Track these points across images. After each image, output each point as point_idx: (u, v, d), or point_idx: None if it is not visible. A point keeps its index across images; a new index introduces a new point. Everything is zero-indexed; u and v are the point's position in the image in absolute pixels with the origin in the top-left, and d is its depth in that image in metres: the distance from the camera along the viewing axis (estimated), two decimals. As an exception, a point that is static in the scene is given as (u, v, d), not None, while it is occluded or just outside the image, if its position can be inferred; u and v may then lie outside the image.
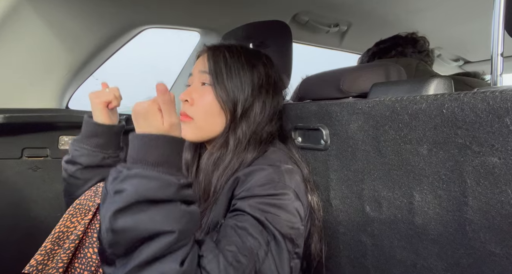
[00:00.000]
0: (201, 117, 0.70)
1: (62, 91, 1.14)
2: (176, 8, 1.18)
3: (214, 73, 0.69)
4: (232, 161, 0.67)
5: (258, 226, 0.56)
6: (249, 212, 0.57)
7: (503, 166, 0.45)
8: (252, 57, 0.73)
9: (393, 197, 0.59)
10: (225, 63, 0.70)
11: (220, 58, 0.70)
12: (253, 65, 0.72)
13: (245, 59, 0.71)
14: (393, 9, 1.37)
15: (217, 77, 0.69)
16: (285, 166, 0.65)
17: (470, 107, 0.47)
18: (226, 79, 0.69)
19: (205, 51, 0.74)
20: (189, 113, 0.70)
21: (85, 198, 0.69)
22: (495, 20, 0.49)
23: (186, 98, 0.70)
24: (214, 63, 0.70)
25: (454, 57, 1.99)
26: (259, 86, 0.71)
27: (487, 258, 0.48)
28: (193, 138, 0.72)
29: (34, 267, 0.62)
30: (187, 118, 0.70)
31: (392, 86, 0.67)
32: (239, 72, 0.70)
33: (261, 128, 0.71)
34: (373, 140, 0.61)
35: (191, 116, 0.70)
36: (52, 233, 0.66)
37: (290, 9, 1.35)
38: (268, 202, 0.58)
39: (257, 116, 0.70)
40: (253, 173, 0.62)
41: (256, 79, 0.71)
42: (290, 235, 0.59)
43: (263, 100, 0.71)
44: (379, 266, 0.64)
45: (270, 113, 0.73)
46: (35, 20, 0.97)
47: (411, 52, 1.15)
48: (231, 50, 0.72)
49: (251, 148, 0.69)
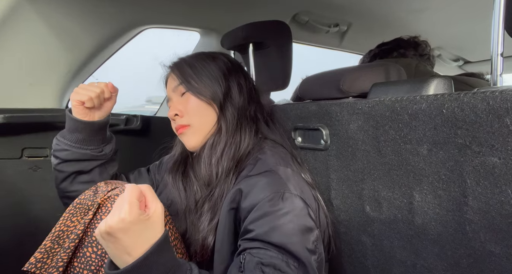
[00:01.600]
0: (196, 120, 0.74)
1: (62, 91, 1.14)
2: (176, 8, 1.18)
3: (185, 80, 0.74)
4: (228, 142, 0.71)
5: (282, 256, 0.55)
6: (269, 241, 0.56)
7: (503, 166, 0.45)
8: (210, 53, 0.81)
9: (393, 197, 0.59)
10: (189, 66, 0.76)
11: (183, 66, 0.76)
12: (214, 57, 0.78)
13: (204, 55, 0.79)
14: (393, 9, 1.37)
15: (188, 81, 0.74)
16: (283, 169, 0.66)
17: (470, 107, 0.47)
18: (196, 78, 0.74)
19: (169, 71, 0.80)
20: (183, 122, 0.74)
21: (84, 198, 0.69)
22: (495, 20, 0.49)
23: (175, 112, 0.75)
24: (181, 73, 0.75)
25: (454, 57, 1.98)
26: (228, 70, 0.77)
27: (487, 258, 0.48)
28: (196, 141, 0.75)
29: (33, 264, 0.62)
30: (185, 127, 0.75)
31: (392, 86, 0.67)
32: (204, 66, 0.76)
33: (245, 105, 0.76)
34: (373, 140, 0.61)
35: (187, 124, 0.74)
36: (52, 232, 0.66)
37: (290, 9, 1.35)
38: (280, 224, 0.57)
39: (238, 96, 0.75)
40: (255, 184, 0.63)
41: (222, 65, 0.77)
42: (312, 249, 0.59)
43: (237, 81, 0.77)
44: (379, 266, 0.64)
45: (248, 92, 0.78)
46: (35, 20, 0.97)
47: (412, 55, 1.15)
48: (189, 56, 0.79)
49: (244, 126, 0.73)
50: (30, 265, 0.62)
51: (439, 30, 1.58)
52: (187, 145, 0.77)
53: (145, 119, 1.27)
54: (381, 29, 1.33)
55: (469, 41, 1.74)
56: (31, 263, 0.62)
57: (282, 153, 0.72)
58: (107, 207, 0.65)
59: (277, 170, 0.65)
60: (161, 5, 1.14)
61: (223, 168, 0.69)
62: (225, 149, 0.70)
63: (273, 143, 0.75)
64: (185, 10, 1.21)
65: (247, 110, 0.76)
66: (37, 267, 0.62)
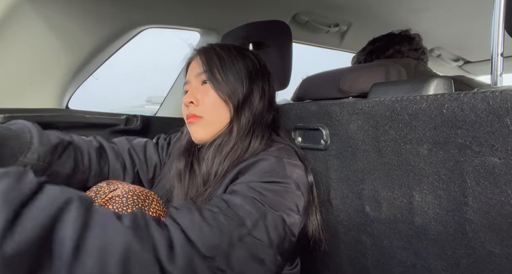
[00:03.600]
0: (209, 114, 0.71)
1: (62, 91, 1.14)
2: (176, 8, 1.18)
3: (209, 70, 0.71)
4: (236, 146, 0.68)
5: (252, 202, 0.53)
6: (244, 191, 0.55)
7: (503, 166, 0.45)
8: (241, 49, 0.77)
9: (393, 197, 0.59)
10: (218, 58, 0.72)
11: (213, 54, 0.73)
12: (244, 55, 0.75)
13: (235, 50, 0.75)
14: (393, 9, 1.37)
15: (212, 73, 0.71)
16: (288, 159, 0.65)
17: (470, 107, 0.47)
18: (222, 72, 0.71)
19: (196, 54, 0.76)
20: (197, 113, 0.72)
21: None
22: (495, 20, 0.49)
23: (191, 100, 0.72)
24: (208, 61, 0.72)
25: (454, 57, 1.99)
26: (255, 72, 0.74)
27: (487, 258, 0.48)
28: (204, 135, 0.73)
29: None
30: (196, 118, 0.72)
31: (392, 86, 0.67)
32: (233, 62, 0.72)
33: (264, 112, 0.73)
34: (373, 140, 0.61)
35: (199, 115, 0.72)
36: None
37: (290, 9, 1.35)
38: (265, 187, 0.56)
39: (258, 101, 0.72)
40: (255, 163, 0.62)
41: (250, 66, 0.74)
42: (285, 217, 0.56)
43: (261, 85, 0.74)
44: (379, 266, 0.64)
45: (268, 99, 0.75)
46: (35, 20, 0.97)
47: (407, 50, 1.16)
48: (220, 46, 0.75)
49: (256, 133, 0.70)
50: None
51: (439, 30, 1.58)
52: (193, 135, 0.75)
53: (145, 119, 1.27)
54: (381, 29, 1.33)
55: (469, 41, 1.74)
56: None
57: (287, 150, 0.71)
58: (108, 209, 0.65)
59: (282, 157, 0.64)
60: (161, 5, 1.14)
61: (223, 169, 0.67)
62: (230, 152, 0.68)
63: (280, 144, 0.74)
64: (185, 10, 1.21)
65: (264, 118, 0.73)
66: None
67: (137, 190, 0.68)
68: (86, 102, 1.25)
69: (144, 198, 0.67)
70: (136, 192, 0.67)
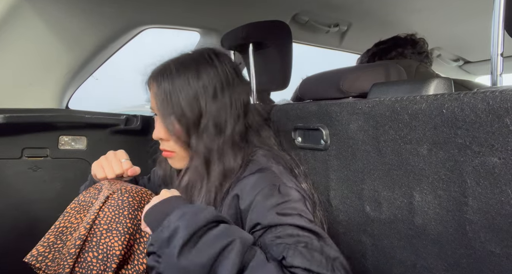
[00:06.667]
0: (179, 149, 0.71)
1: (62, 91, 1.14)
2: (176, 8, 1.18)
3: (160, 109, 0.67)
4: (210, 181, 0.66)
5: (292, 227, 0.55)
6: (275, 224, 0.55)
7: (503, 166, 0.45)
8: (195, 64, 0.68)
9: (393, 197, 0.59)
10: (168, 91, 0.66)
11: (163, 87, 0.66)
12: (198, 73, 0.67)
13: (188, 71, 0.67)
14: (393, 9, 1.37)
15: (163, 112, 0.67)
16: (276, 167, 0.66)
17: (470, 107, 0.47)
18: (172, 107, 0.66)
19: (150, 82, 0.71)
20: (168, 148, 0.72)
21: (89, 196, 0.69)
22: (495, 20, 0.49)
23: (159, 136, 0.71)
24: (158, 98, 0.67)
25: (454, 57, 1.98)
26: (213, 94, 0.66)
27: (487, 258, 0.48)
28: (182, 166, 0.73)
29: (34, 257, 0.62)
30: (169, 154, 0.72)
31: (392, 86, 0.67)
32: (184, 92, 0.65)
33: (229, 134, 0.67)
34: (373, 140, 0.61)
35: (171, 151, 0.72)
36: (56, 226, 0.66)
37: (290, 9, 1.35)
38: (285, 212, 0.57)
39: (219, 126, 0.67)
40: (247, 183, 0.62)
41: (206, 87, 0.66)
42: None
43: (220, 106, 0.67)
44: (379, 266, 0.64)
45: (234, 115, 0.68)
46: (35, 20, 0.97)
47: (410, 53, 1.16)
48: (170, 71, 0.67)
49: (228, 157, 0.67)
50: (32, 257, 0.62)
51: (439, 30, 1.58)
52: (172, 166, 0.76)
53: (145, 119, 1.27)
54: (381, 29, 1.33)
55: (469, 41, 1.74)
56: (33, 255, 0.63)
57: (274, 154, 0.71)
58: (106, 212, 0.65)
59: (269, 167, 0.65)
60: (161, 5, 1.14)
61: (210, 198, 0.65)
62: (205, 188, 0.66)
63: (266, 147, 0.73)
64: (185, 10, 1.21)
65: (231, 135, 0.68)
66: (37, 260, 0.62)
67: (134, 190, 0.68)
68: (86, 102, 1.25)
69: (140, 199, 0.67)
70: (132, 193, 0.67)
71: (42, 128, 1.09)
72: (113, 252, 0.60)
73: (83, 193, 0.71)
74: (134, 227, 0.64)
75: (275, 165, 0.66)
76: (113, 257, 0.60)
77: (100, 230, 0.62)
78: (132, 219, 0.64)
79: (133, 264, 0.63)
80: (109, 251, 0.60)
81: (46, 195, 1.10)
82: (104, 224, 0.63)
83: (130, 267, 0.63)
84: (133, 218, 0.64)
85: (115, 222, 0.63)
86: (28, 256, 0.62)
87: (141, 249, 0.64)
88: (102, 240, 0.61)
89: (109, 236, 0.62)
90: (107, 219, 0.63)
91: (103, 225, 0.63)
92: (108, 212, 0.64)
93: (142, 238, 0.65)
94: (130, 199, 0.66)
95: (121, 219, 0.63)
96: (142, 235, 0.65)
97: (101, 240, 0.61)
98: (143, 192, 0.70)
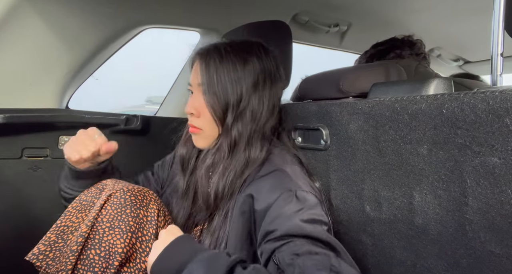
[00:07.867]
0: (208, 127, 0.71)
1: (62, 91, 1.14)
2: (176, 8, 1.18)
3: (205, 84, 0.69)
4: (232, 165, 0.67)
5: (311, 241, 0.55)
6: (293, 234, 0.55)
7: (503, 166, 0.45)
8: (244, 52, 0.71)
9: (393, 197, 0.59)
10: (215, 69, 0.69)
11: (211, 65, 0.69)
12: (245, 61, 0.70)
13: (236, 57, 0.70)
14: (393, 9, 1.37)
15: (207, 87, 0.69)
16: (291, 167, 0.66)
17: (470, 107, 0.47)
18: (216, 85, 0.68)
19: (196, 59, 0.73)
20: (196, 125, 0.72)
21: (91, 195, 0.69)
22: (495, 20, 0.49)
23: (191, 111, 0.71)
24: (205, 74, 0.69)
25: (454, 57, 1.98)
26: (254, 83, 0.69)
27: (487, 258, 0.48)
28: (204, 146, 0.74)
29: (35, 255, 0.62)
30: (196, 130, 0.72)
31: (392, 86, 0.67)
32: (229, 74, 0.68)
33: (262, 124, 0.70)
34: (373, 140, 0.61)
35: (199, 128, 0.72)
36: (57, 224, 0.66)
37: (290, 9, 1.34)
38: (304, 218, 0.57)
39: (255, 114, 0.69)
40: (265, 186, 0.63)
41: (250, 75, 0.69)
42: None
43: (260, 96, 0.70)
44: (379, 266, 0.64)
45: (269, 108, 0.71)
46: (35, 20, 0.97)
47: (408, 55, 1.16)
48: (220, 53, 0.70)
49: (255, 146, 0.69)
50: (33, 256, 0.62)
51: (439, 30, 1.58)
52: (194, 143, 0.76)
53: (145, 119, 1.27)
54: (381, 29, 1.33)
55: (469, 41, 1.74)
56: (34, 253, 0.63)
57: (288, 154, 0.72)
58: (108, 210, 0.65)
59: (285, 168, 0.65)
60: (161, 5, 1.14)
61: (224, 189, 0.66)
62: (226, 171, 0.67)
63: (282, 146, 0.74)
64: (185, 10, 1.20)
65: (263, 126, 0.70)
66: (38, 258, 0.62)
67: (136, 190, 0.68)
68: (86, 102, 1.25)
69: (142, 198, 0.67)
70: (135, 192, 0.67)
71: (42, 128, 1.09)
72: (115, 250, 0.60)
73: (84, 192, 0.71)
74: (136, 226, 0.64)
75: (290, 166, 0.66)
76: (115, 254, 0.60)
77: (102, 227, 0.62)
78: (134, 218, 0.64)
79: (135, 262, 0.63)
80: (111, 249, 0.61)
81: (46, 195, 1.09)
82: (106, 221, 0.63)
83: (132, 265, 0.63)
84: (135, 216, 0.64)
85: (117, 220, 0.63)
86: (29, 254, 0.62)
87: (143, 248, 0.64)
88: (105, 238, 0.61)
89: (111, 234, 0.62)
90: (109, 217, 0.63)
91: (106, 222, 0.63)
92: (110, 210, 0.64)
93: (144, 236, 0.65)
94: (133, 198, 0.66)
95: (123, 217, 0.63)
96: (144, 234, 0.65)
97: (103, 237, 0.61)
98: (145, 192, 0.70)
